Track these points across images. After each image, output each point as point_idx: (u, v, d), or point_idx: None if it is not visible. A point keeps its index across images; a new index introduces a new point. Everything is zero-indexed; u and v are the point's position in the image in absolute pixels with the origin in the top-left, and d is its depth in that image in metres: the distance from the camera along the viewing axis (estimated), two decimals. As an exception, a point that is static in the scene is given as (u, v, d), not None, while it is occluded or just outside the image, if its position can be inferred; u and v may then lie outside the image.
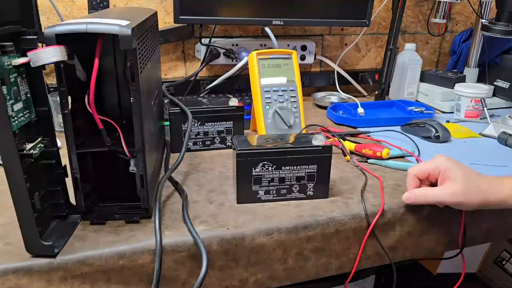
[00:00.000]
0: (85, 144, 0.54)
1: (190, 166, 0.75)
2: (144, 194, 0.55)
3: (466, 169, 0.61)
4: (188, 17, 0.98)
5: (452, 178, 0.60)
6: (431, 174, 0.63)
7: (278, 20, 1.04)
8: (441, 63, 1.45)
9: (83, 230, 0.55)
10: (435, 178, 0.63)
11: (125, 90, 0.59)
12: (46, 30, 0.45)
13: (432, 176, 0.63)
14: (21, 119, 0.47)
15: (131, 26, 0.47)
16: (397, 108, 1.11)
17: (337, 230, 0.60)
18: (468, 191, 0.59)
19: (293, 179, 0.63)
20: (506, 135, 0.90)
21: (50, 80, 1.04)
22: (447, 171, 0.60)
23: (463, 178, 0.59)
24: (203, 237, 0.54)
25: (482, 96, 1.03)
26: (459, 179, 0.59)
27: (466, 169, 0.61)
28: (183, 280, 0.55)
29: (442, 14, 1.20)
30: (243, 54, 1.10)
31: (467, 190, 0.59)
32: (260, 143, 0.63)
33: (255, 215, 0.60)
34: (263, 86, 0.82)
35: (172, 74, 1.17)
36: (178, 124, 0.80)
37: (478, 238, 0.71)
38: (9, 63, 0.45)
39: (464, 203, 0.60)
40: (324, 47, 1.29)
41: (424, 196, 0.61)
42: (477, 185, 0.60)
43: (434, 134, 0.90)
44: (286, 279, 0.61)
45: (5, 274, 0.47)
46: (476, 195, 0.59)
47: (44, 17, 1.01)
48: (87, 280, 0.50)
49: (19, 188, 0.45)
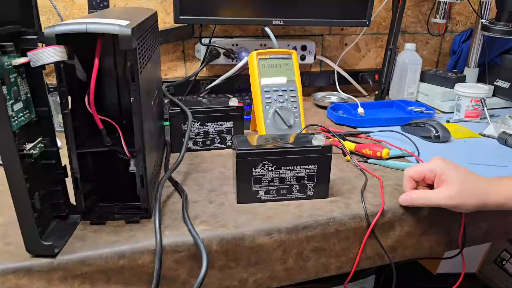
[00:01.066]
0: (85, 144, 0.54)
1: (190, 166, 0.75)
2: (144, 194, 0.55)
3: (463, 171, 0.61)
4: (188, 17, 0.99)
5: (448, 181, 0.60)
6: (427, 176, 0.63)
7: (278, 20, 1.04)
8: (441, 63, 1.45)
9: (83, 230, 0.55)
10: (431, 180, 0.63)
11: (125, 90, 0.59)
12: (46, 30, 0.45)
13: (428, 178, 0.63)
14: (21, 119, 0.47)
15: (131, 26, 0.47)
16: (397, 108, 1.11)
17: (337, 230, 0.60)
18: (464, 194, 0.59)
19: (293, 179, 0.63)
20: (506, 135, 0.90)
21: (50, 80, 1.04)
22: (443, 174, 0.60)
23: (459, 181, 0.59)
24: (203, 237, 0.54)
25: (482, 96, 1.03)
26: (455, 182, 0.59)
27: (462, 171, 0.61)
28: (183, 280, 0.55)
29: (442, 14, 1.20)
30: (243, 54, 1.10)
31: (463, 193, 0.59)
32: (260, 143, 0.63)
33: (255, 215, 0.60)
34: (263, 86, 0.82)
35: (172, 74, 1.17)
36: (178, 124, 0.80)
37: (478, 238, 0.71)
38: (9, 63, 0.45)
39: (461, 206, 0.60)
40: (324, 47, 1.29)
41: (420, 198, 0.62)
42: (474, 188, 0.60)
43: (434, 134, 0.90)
44: (286, 279, 0.61)
45: (5, 274, 0.47)
46: (473, 198, 0.59)
47: (44, 17, 1.01)
48: (87, 280, 0.50)
49: (19, 188, 0.45)
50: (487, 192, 0.60)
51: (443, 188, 0.60)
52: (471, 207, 0.60)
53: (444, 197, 0.60)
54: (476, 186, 0.60)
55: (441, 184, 0.61)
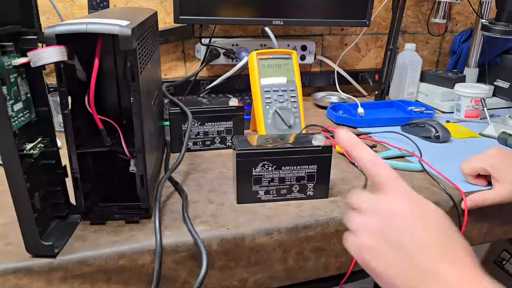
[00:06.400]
0: (85, 144, 0.54)
1: (190, 166, 0.75)
2: (144, 194, 0.55)
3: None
4: (188, 17, 0.99)
5: (501, 180, 0.64)
6: (481, 173, 0.67)
7: (278, 20, 1.04)
8: (441, 63, 1.45)
9: (83, 230, 0.55)
10: (487, 173, 0.67)
11: (125, 90, 0.59)
12: (46, 30, 0.45)
13: (483, 174, 0.67)
14: (21, 119, 0.47)
15: (131, 26, 0.47)
16: (397, 108, 1.11)
17: (337, 230, 0.60)
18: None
19: (293, 179, 0.63)
20: (506, 135, 0.90)
21: (50, 80, 1.04)
22: (495, 173, 0.64)
23: (510, 178, 0.63)
24: (203, 237, 0.54)
25: (482, 96, 1.03)
26: (507, 180, 0.63)
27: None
28: (183, 280, 0.55)
29: (442, 14, 1.20)
30: (243, 54, 1.10)
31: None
32: (260, 143, 0.63)
33: (255, 215, 0.60)
34: (263, 86, 0.82)
35: (172, 74, 1.17)
36: (178, 124, 0.80)
37: (478, 238, 0.71)
38: (9, 63, 0.45)
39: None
40: (324, 47, 1.29)
41: (485, 200, 0.65)
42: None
43: (434, 134, 0.90)
44: (286, 279, 0.61)
45: (5, 274, 0.47)
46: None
47: (44, 17, 1.01)
48: (87, 280, 0.50)
49: (19, 188, 0.45)
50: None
51: (499, 186, 0.64)
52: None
53: (500, 195, 0.64)
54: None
55: (496, 182, 0.65)
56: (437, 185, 0.69)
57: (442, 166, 0.74)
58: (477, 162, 0.68)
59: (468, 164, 0.70)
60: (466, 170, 0.70)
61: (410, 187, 0.40)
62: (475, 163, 0.68)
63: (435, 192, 0.67)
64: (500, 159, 0.65)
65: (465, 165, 0.70)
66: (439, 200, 0.66)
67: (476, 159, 0.69)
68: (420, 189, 0.68)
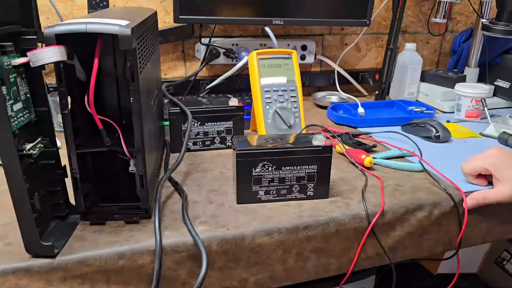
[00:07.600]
0: (84, 144, 0.54)
1: (190, 166, 0.75)
2: (144, 194, 0.55)
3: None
4: (188, 17, 0.98)
5: (503, 180, 0.64)
6: (483, 173, 0.67)
7: (278, 19, 1.04)
8: (441, 63, 1.45)
9: (82, 231, 0.55)
10: (488, 173, 0.67)
11: (125, 90, 0.59)
12: (46, 30, 0.45)
13: (484, 174, 0.68)
14: (21, 119, 0.47)
15: (131, 26, 0.47)
16: (397, 108, 1.11)
17: (337, 230, 0.60)
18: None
19: (293, 179, 0.63)
20: (506, 135, 0.90)
21: (50, 80, 1.04)
22: (496, 173, 0.65)
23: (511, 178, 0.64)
24: (203, 238, 0.54)
25: (482, 96, 1.03)
26: (507, 180, 0.63)
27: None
28: (183, 280, 0.55)
29: (443, 14, 1.19)
30: (243, 54, 1.10)
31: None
32: (260, 143, 0.63)
33: (255, 215, 0.60)
34: (263, 86, 0.82)
35: (172, 74, 1.17)
36: (178, 124, 0.80)
37: (478, 238, 0.71)
38: (9, 63, 0.45)
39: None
40: (324, 47, 1.29)
41: (484, 199, 0.65)
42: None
43: (435, 134, 0.90)
44: (286, 279, 0.60)
45: (5, 274, 0.47)
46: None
47: (44, 17, 1.01)
48: (87, 280, 0.50)
49: (19, 188, 0.45)
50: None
51: (500, 186, 0.65)
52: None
53: (501, 194, 0.64)
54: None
55: (497, 182, 0.65)
56: (437, 185, 0.69)
57: (443, 166, 0.74)
58: (477, 162, 0.68)
59: (468, 163, 0.70)
60: (466, 170, 0.70)
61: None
62: (475, 162, 0.68)
63: (436, 192, 0.67)
64: (501, 158, 0.65)
65: (466, 164, 0.70)
66: (439, 200, 0.65)
67: (477, 158, 0.69)
68: (420, 189, 0.68)
